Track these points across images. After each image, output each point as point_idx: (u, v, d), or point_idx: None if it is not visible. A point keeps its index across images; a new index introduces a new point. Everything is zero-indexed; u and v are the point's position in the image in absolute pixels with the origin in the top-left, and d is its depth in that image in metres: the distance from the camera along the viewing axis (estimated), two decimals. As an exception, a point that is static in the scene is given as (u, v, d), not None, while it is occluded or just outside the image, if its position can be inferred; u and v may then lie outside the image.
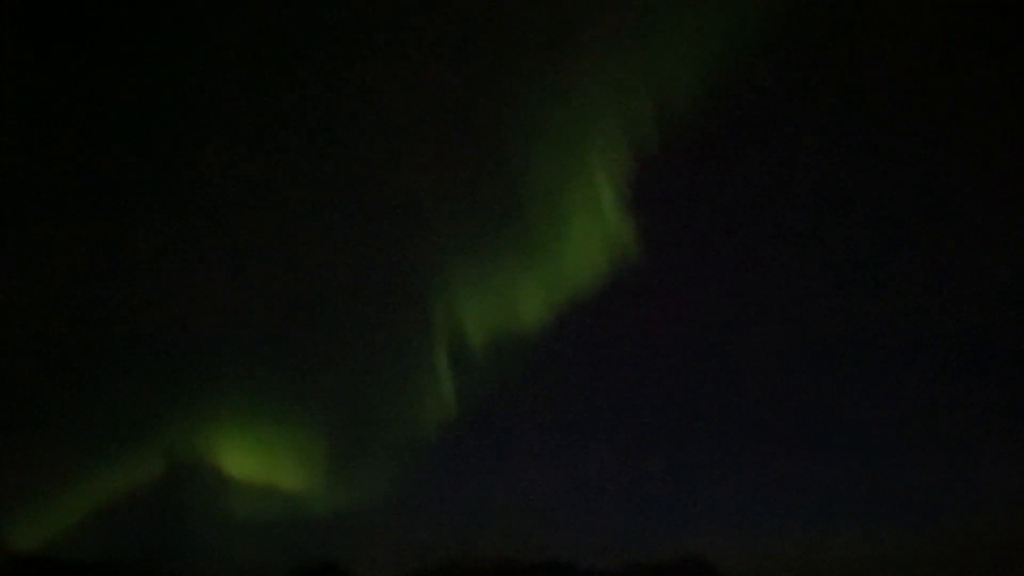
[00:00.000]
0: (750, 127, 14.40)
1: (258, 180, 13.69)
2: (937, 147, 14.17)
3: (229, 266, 13.51)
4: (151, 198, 13.54)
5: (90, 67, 13.62)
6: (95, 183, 13.54)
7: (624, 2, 14.16)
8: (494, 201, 14.05)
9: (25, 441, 12.83)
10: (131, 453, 13.11)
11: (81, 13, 13.80)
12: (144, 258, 13.47)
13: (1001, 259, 13.80)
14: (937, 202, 14.25)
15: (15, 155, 13.52)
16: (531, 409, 13.84)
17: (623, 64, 14.18)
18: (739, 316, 14.35)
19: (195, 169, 13.63)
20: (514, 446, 13.86)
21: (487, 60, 13.97)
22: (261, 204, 13.69)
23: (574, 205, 14.38)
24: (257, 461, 13.36)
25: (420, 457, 13.53)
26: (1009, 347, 13.80)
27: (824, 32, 13.84)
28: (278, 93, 13.79)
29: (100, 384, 13.19)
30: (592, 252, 14.13)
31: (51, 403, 13.06)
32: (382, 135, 13.84)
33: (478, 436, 13.75)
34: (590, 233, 14.24)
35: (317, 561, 13.01)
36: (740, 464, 13.78)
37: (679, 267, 14.16)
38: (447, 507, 13.46)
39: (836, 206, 14.62)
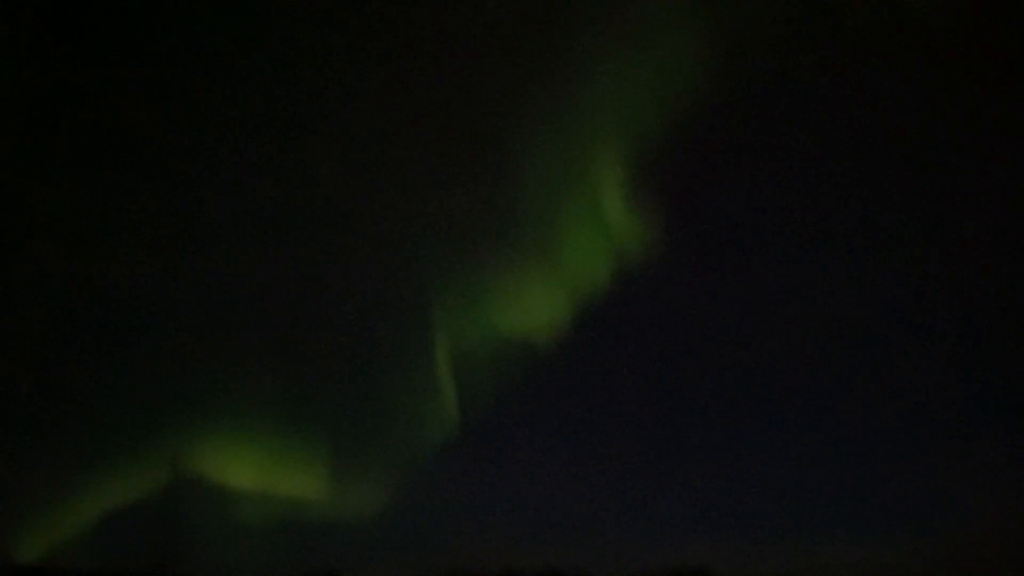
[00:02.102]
0: (757, 125, 14.25)
1: (257, 188, 13.64)
2: (945, 141, 14.02)
3: (231, 275, 13.45)
4: (152, 209, 13.52)
5: (92, 63, 13.54)
6: (96, 189, 13.49)
7: (628, 1, 14.01)
8: (496, 206, 13.96)
9: (26, 452, 12.88)
10: (133, 463, 13.16)
11: (81, 11, 13.71)
12: (145, 267, 13.43)
13: (1002, 264, 13.72)
14: (950, 200, 14.11)
15: (13, 156, 13.51)
16: (532, 417, 13.90)
17: (626, 64, 14.02)
18: (738, 322, 14.26)
19: (195, 177, 13.60)
20: (515, 455, 13.90)
21: (487, 62, 13.85)
22: (260, 211, 13.64)
23: (578, 208, 14.29)
24: (259, 470, 13.40)
25: (422, 465, 13.56)
26: (1009, 352, 13.74)
27: (830, 30, 13.70)
28: (278, 98, 13.70)
29: (101, 394, 13.22)
30: (597, 257, 14.05)
31: (52, 413, 13.14)
32: (380, 141, 13.76)
33: (480, 444, 13.76)
34: (595, 237, 14.15)
35: (319, 569, 13.04)
36: (742, 473, 13.76)
37: (682, 272, 14.07)
38: (449, 516, 13.47)
39: (845, 204, 14.46)
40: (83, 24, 13.51)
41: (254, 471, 13.36)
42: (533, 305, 13.97)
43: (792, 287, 14.17)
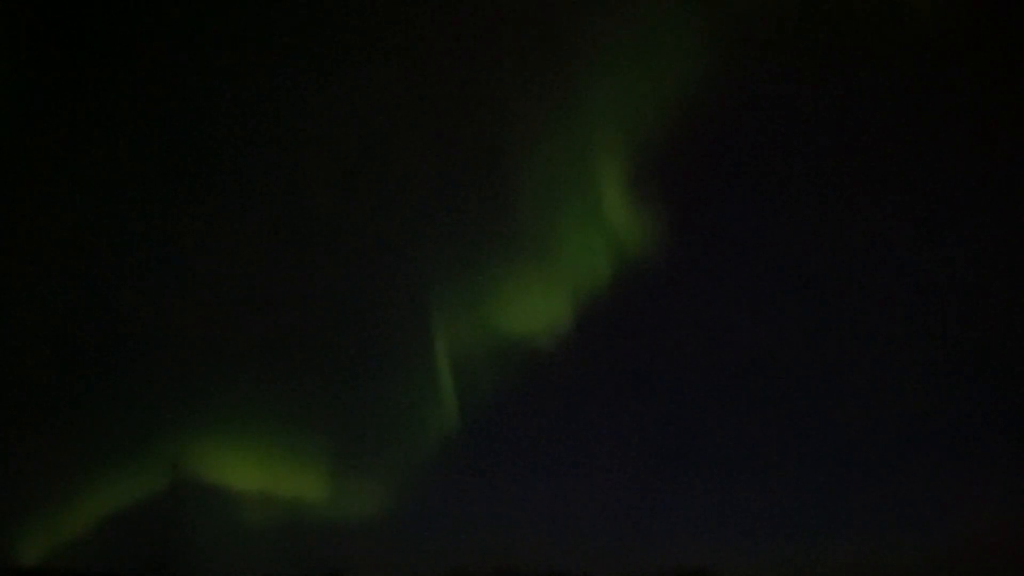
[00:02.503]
0: (756, 124, 14.22)
1: (258, 191, 13.65)
2: (945, 140, 13.97)
3: (231, 278, 13.49)
4: (153, 211, 13.53)
5: (94, 72, 13.55)
6: (97, 192, 13.50)
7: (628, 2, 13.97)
8: (496, 207, 13.94)
9: (28, 453, 12.91)
10: (135, 465, 13.19)
11: (80, 11, 13.69)
12: (146, 269, 13.49)
13: (1001, 268, 13.71)
14: (950, 200, 14.06)
15: (13, 160, 13.52)
16: (532, 418, 13.89)
17: (626, 64, 13.99)
18: (739, 324, 14.24)
19: (196, 181, 13.59)
20: (515, 456, 13.90)
21: (488, 64, 13.83)
22: (261, 215, 13.65)
23: (578, 209, 14.25)
24: (261, 471, 13.42)
25: (422, 467, 13.58)
26: (1010, 353, 13.73)
27: (829, 30, 13.66)
28: (277, 102, 13.69)
29: (102, 396, 13.25)
30: (597, 257, 14.02)
31: (54, 416, 13.16)
32: (379, 143, 13.75)
33: (480, 446, 13.77)
34: (595, 237, 14.11)
35: (321, 569, 13.07)
36: (742, 474, 13.74)
37: (683, 272, 14.04)
38: (449, 516, 13.51)
39: (845, 203, 14.42)
40: (84, 25, 13.51)
41: (255, 473, 13.40)
42: (533, 306, 13.96)
43: (793, 287, 14.18)
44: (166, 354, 13.41)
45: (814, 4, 13.55)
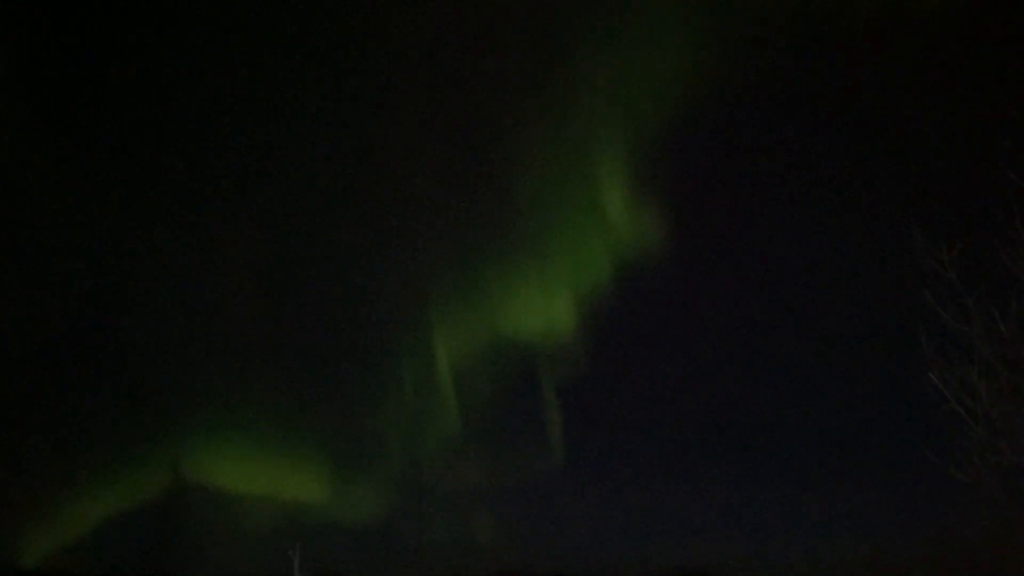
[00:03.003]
0: (757, 122, 14.12)
1: (256, 192, 13.63)
2: (945, 138, 13.85)
3: (230, 279, 13.48)
4: (152, 213, 13.51)
5: (92, 72, 13.52)
6: (96, 193, 13.47)
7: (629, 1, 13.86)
8: (495, 207, 13.89)
9: (28, 456, 12.97)
10: (136, 467, 13.25)
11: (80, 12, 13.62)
12: (146, 271, 13.50)
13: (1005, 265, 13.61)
14: (949, 196, 13.95)
15: (14, 163, 13.48)
16: (532, 419, 13.89)
17: (626, 64, 13.90)
18: (740, 322, 14.19)
19: (196, 183, 13.59)
20: (515, 456, 13.88)
21: (488, 62, 13.74)
22: (260, 217, 13.64)
23: (578, 208, 14.20)
24: (261, 473, 13.46)
25: (422, 467, 13.61)
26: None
27: (830, 29, 13.54)
28: (276, 99, 13.65)
29: (103, 398, 13.30)
30: (598, 257, 13.98)
31: (54, 418, 13.20)
32: (379, 143, 13.69)
33: (480, 445, 13.77)
34: (596, 237, 14.08)
35: (321, 571, 13.10)
36: (744, 474, 13.75)
37: (684, 271, 13.95)
38: (449, 517, 13.54)
39: (846, 201, 14.33)
40: (84, 27, 13.45)
41: (255, 475, 13.43)
42: (533, 306, 13.94)
43: (796, 286, 14.11)
44: (167, 356, 13.44)
45: (814, 4, 13.42)
